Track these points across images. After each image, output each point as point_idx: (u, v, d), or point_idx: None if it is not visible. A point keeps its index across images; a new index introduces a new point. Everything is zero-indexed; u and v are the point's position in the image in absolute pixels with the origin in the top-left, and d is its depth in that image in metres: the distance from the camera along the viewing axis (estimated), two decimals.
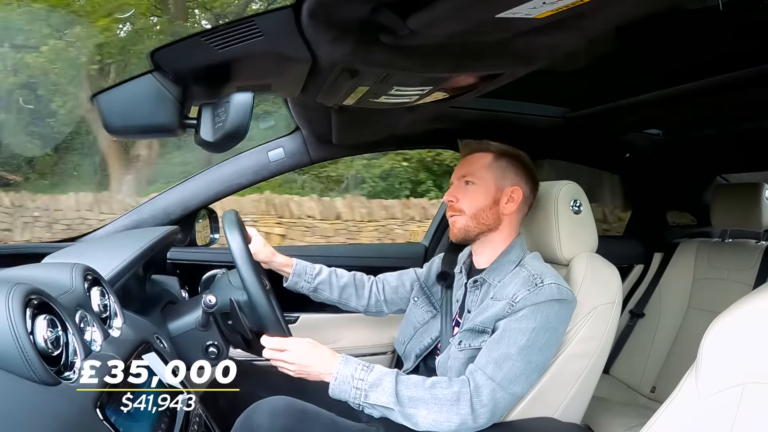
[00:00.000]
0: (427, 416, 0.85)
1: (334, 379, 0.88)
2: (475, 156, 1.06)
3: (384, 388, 0.86)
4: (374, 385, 0.87)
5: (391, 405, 0.85)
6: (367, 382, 0.87)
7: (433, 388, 0.87)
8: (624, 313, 1.91)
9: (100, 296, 0.79)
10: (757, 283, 1.63)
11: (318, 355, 0.92)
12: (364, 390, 0.87)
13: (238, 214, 1.05)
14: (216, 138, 0.73)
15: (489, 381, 0.86)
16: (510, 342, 0.89)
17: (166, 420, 0.75)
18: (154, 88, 0.70)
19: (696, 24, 0.97)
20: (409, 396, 0.86)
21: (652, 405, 1.67)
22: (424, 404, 0.85)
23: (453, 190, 1.06)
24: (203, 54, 0.70)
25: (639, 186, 2.00)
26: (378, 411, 0.87)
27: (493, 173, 1.03)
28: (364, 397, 0.86)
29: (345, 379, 0.88)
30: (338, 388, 0.88)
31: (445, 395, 0.86)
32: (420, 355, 1.10)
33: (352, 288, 1.24)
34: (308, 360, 0.91)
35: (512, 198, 1.03)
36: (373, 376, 0.88)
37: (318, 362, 0.91)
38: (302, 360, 0.91)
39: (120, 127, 0.74)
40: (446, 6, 0.59)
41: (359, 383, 0.87)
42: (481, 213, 1.02)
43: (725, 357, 0.55)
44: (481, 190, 1.03)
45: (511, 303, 0.91)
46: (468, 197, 1.03)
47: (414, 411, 0.85)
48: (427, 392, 0.86)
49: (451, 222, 1.05)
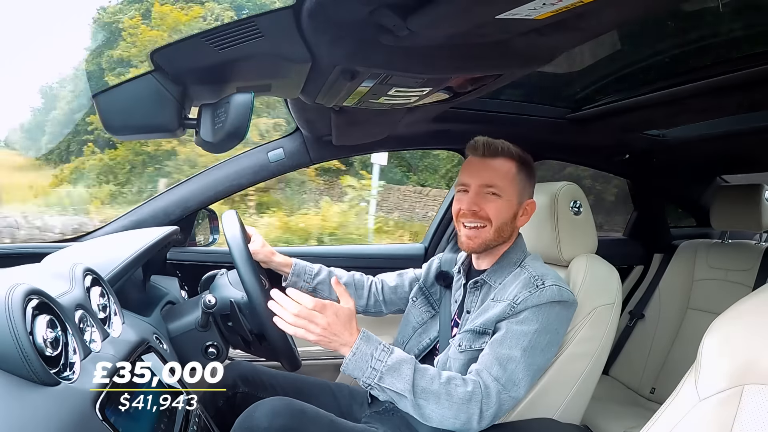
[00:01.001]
0: (436, 410, 0.83)
1: (352, 354, 0.83)
2: (498, 162, 0.98)
3: (402, 374, 0.83)
4: (392, 369, 0.83)
5: (405, 393, 0.82)
6: (385, 365, 0.83)
7: (448, 384, 0.85)
8: (624, 314, 1.91)
9: (100, 296, 0.79)
10: (757, 284, 1.63)
11: (347, 326, 0.85)
12: (380, 372, 0.83)
13: (238, 214, 1.05)
14: (216, 138, 0.73)
15: (495, 382, 0.86)
16: (513, 344, 0.88)
17: (166, 420, 0.75)
18: (154, 88, 0.70)
19: (696, 23, 0.97)
20: (423, 387, 0.84)
21: (652, 406, 1.67)
22: (436, 398, 0.83)
23: (475, 198, 0.98)
24: (203, 54, 0.70)
25: (639, 186, 2.00)
26: (387, 395, 0.84)
27: (516, 186, 0.98)
28: (379, 379, 0.83)
29: (363, 356, 0.83)
30: (353, 365, 0.83)
31: (458, 393, 0.84)
32: (418, 356, 1.10)
33: (351, 288, 1.24)
34: (338, 329, 0.84)
35: (527, 211, 1.02)
36: (392, 359, 0.84)
37: (344, 334, 0.84)
38: (332, 327, 0.83)
39: (120, 126, 0.74)
40: (446, 7, 0.59)
41: (377, 364, 0.83)
42: (504, 227, 0.98)
43: (725, 358, 0.55)
44: (505, 203, 0.97)
45: (513, 305, 0.91)
46: (493, 209, 0.97)
47: (425, 403, 0.83)
48: (442, 387, 0.84)
49: (473, 233, 0.98)
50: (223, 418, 1.00)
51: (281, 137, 1.47)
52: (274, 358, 1.03)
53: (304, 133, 1.43)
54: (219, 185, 1.41)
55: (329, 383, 1.20)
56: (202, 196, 1.40)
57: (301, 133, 1.44)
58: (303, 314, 0.83)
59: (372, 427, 1.00)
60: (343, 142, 1.41)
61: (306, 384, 1.15)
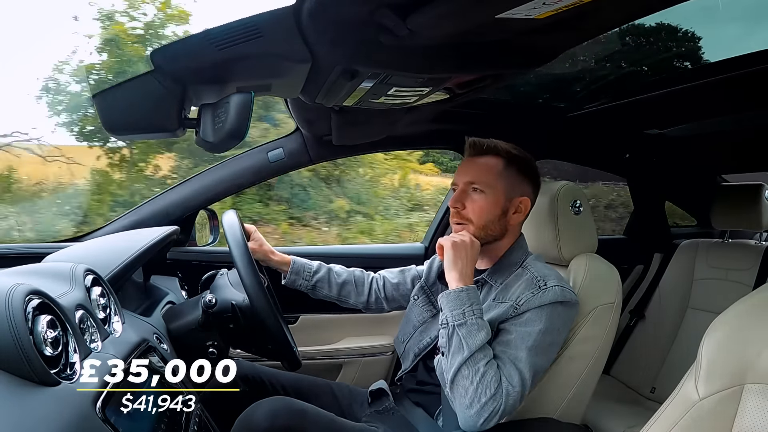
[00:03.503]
0: (467, 387, 0.84)
1: (461, 289, 0.88)
2: (483, 159, 1.00)
3: (478, 336, 0.85)
4: (478, 326, 0.86)
5: (466, 352, 0.84)
6: (476, 318, 0.86)
7: (486, 374, 0.84)
8: (624, 313, 1.91)
9: (100, 296, 0.79)
10: (757, 284, 1.63)
11: (472, 263, 0.92)
12: (467, 320, 0.86)
13: (238, 214, 1.05)
14: (216, 138, 0.73)
15: (506, 382, 0.86)
16: (518, 345, 0.89)
17: (166, 420, 0.75)
18: (154, 88, 0.70)
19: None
20: (477, 359, 0.85)
21: (652, 405, 1.67)
22: (473, 376, 0.84)
23: (459, 195, 1.00)
24: (203, 54, 0.70)
25: (639, 186, 2.00)
26: (451, 343, 0.86)
27: (503, 182, 0.98)
28: (460, 324, 0.86)
29: (466, 298, 0.88)
30: (454, 297, 0.88)
31: (489, 382, 0.84)
32: (419, 354, 1.10)
33: (351, 285, 1.24)
34: (470, 256, 0.92)
35: (520, 208, 1.00)
36: (482, 320, 0.87)
37: (468, 267, 0.91)
38: (469, 250, 0.92)
39: (120, 127, 0.74)
40: (446, 7, 0.59)
41: (470, 312, 0.87)
42: (490, 224, 0.98)
43: (725, 357, 0.55)
44: (490, 200, 0.98)
45: (515, 306, 0.91)
46: (476, 206, 0.98)
47: (465, 371, 0.84)
48: (488, 367, 0.84)
49: (456, 230, 1.00)
50: (224, 417, 1.00)
51: (281, 137, 1.47)
52: (275, 357, 1.03)
53: (304, 133, 1.43)
54: (219, 185, 1.41)
55: (329, 383, 1.20)
56: (202, 196, 1.41)
57: (301, 133, 1.44)
58: (459, 230, 0.96)
59: (372, 427, 1.00)
60: (343, 142, 1.41)
61: (306, 384, 1.15)
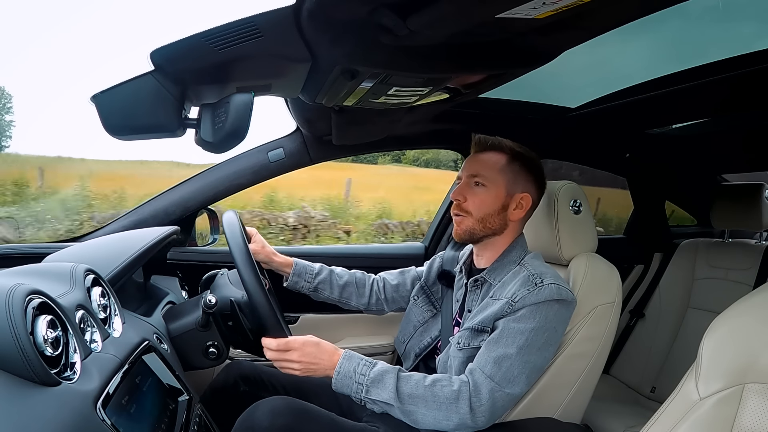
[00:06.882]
0: (426, 414, 0.86)
1: (337, 373, 0.89)
2: (487, 155, 1.02)
3: (385, 384, 0.87)
4: (375, 381, 0.88)
5: (391, 401, 0.87)
6: (368, 378, 0.88)
7: (433, 386, 0.88)
8: (624, 313, 1.91)
9: (101, 296, 0.79)
10: (757, 283, 1.63)
11: (322, 351, 0.91)
12: (365, 385, 0.88)
13: (238, 214, 1.05)
14: (216, 138, 0.73)
15: (488, 380, 0.87)
16: (509, 341, 0.89)
17: (166, 420, 0.75)
18: (154, 88, 0.70)
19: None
20: (408, 393, 0.87)
21: (652, 405, 1.67)
22: (424, 402, 0.86)
23: (461, 188, 1.02)
24: (203, 54, 0.70)
25: (639, 185, 2.00)
26: (379, 406, 0.89)
27: (505, 177, 1.00)
28: (366, 393, 0.88)
29: (347, 374, 0.89)
30: (340, 383, 0.89)
31: (444, 394, 0.86)
32: (419, 354, 1.10)
33: (352, 287, 1.24)
34: (313, 358, 0.90)
35: (521, 204, 1.01)
36: (374, 372, 0.89)
37: (323, 359, 0.91)
38: (307, 358, 0.90)
39: (119, 127, 0.73)
40: (446, 7, 0.59)
41: (361, 378, 0.88)
42: (489, 218, 1.00)
43: (725, 357, 0.56)
44: (491, 193, 1.00)
45: (511, 302, 0.91)
46: (477, 199, 1.00)
47: (413, 408, 0.87)
48: (427, 390, 0.87)
49: (456, 221, 1.02)
50: (224, 417, 1.00)
51: (281, 137, 1.47)
52: None
53: (304, 133, 1.43)
54: (219, 185, 1.41)
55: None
56: (202, 196, 1.40)
57: (301, 133, 1.44)
58: (277, 357, 0.90)
59: (373, 426, 1.00)
60: (343, 141, 1.41)
61: (307, 383, 1.15)
